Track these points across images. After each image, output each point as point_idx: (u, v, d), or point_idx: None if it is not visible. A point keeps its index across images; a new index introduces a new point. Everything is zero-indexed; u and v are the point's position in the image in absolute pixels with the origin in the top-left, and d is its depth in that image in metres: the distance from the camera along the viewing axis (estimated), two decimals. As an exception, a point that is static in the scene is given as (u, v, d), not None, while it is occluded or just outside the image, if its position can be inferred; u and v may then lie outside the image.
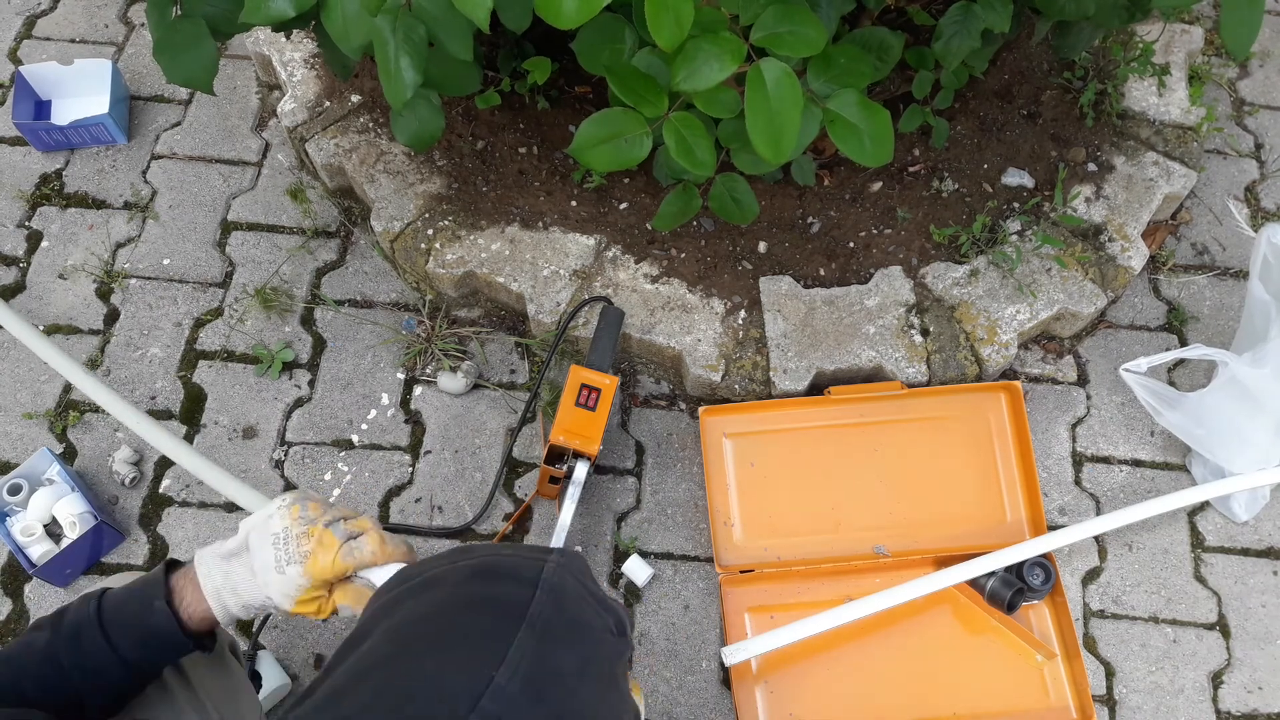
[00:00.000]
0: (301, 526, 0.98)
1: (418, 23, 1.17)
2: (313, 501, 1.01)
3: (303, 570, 0.96)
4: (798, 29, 1.16)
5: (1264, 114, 2.00)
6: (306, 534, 0.97)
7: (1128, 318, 1.79)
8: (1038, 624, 1.54)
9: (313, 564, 0.96)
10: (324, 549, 0.96)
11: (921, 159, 1.82)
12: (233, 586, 0.96)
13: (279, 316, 1.78)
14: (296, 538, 0.97)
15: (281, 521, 0.98)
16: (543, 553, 0.90)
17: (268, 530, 0.98)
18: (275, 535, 0.97)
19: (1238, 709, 1.51)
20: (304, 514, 0.99)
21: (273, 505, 1.00)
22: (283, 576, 0.95)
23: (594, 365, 1.55)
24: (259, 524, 0.99)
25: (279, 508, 0.99)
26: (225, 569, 0.97)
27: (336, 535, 0.98)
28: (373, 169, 1.76)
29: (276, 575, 0.95)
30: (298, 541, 0.97)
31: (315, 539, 0.97)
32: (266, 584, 0.96)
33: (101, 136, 1.92)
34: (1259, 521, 1.63)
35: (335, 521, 0.99)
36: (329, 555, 0.96)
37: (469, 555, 0.93)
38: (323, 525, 0.98)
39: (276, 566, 0.96)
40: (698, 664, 1.52)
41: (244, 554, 0.98)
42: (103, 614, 0.93)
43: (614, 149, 1.25)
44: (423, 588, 0.88)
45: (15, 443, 1.67)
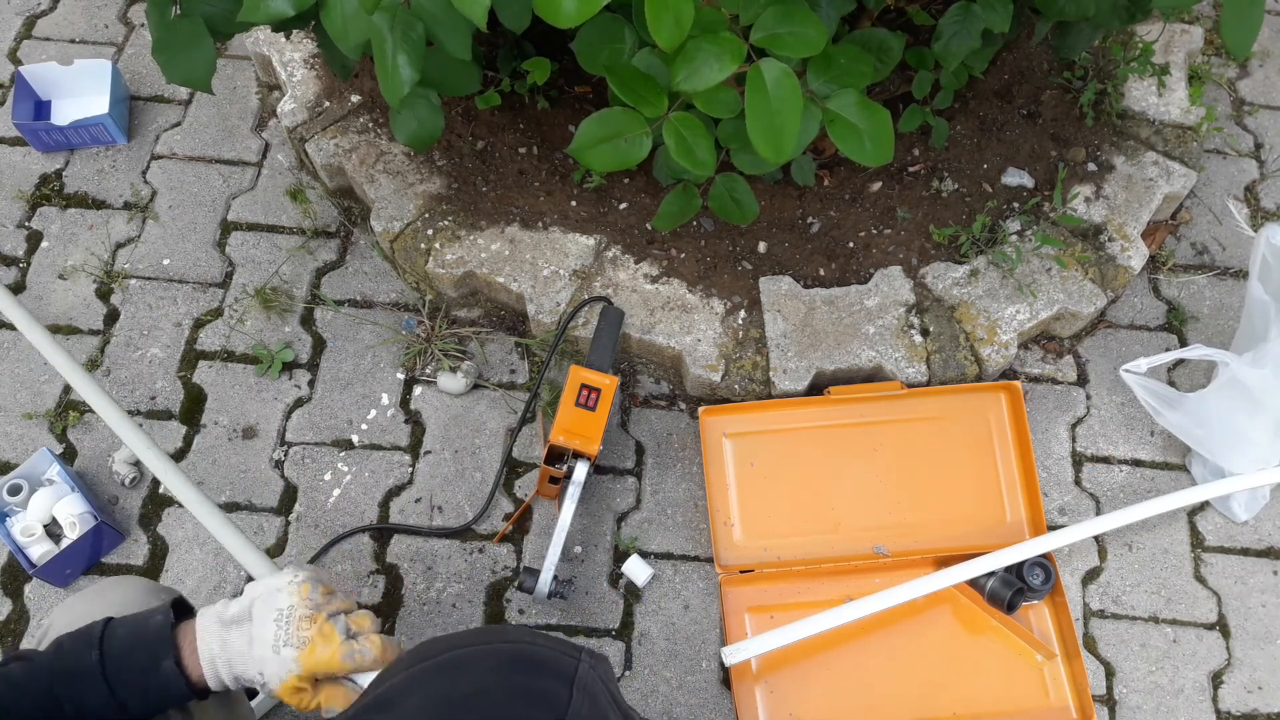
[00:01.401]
0: (307, 610, 0.96)
1: (416, 20, 1.17)
2: (323, 585, 0.99)
3: (297, 657, 0.94)
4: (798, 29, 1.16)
5: (1264, 114, 2.00)
6: (310, 619, 0.95)
7: (1127, 318, 1.79)
8: (1038, 624, 1.54)
9: (308, 654, 0.94)
10: (324, 641, 0.95)
11: (921, 159, 1.82)
12: (228, 657, 0.94)
13: (279, 316, 1.78)
14: (299, 620, 0.95)
15: (289, 599, 0.96)
16: (573, 650, 0.91)
17: (273, 604, 0.96)
18: (280, 611, 0.95)
19: (1238, 709, 1.51)
20: (312, 596, 0.97)
21: (283, 578, 0.99)
22: (277, 658, 0.94)
23: (594, 365, 1.55)
24: (266, 595, 0.97)
25: (289, 583, 0.98)
26: (224, 637, 0.94)
27: (338, 630, 0.96)
28: (372, 169, 1.76)
29: (272, 654, 0.94)
30: (299, 625, 0.95)
31: (317, 628, 0.95)
32: (262, 659, 0.94)
33: (101, 137, 1.92)
34: (1259, 521, 1.63)
35: (338, 615, 0.98)
36: (328, 650, 0.95)
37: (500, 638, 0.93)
38: (326, 615, 0.96)
39: (274, 646, 0.94)
40: (698, 664, 1.52)
41: (246, 623, 0.95)
42: (106, 666, 0.90)
43: (614, 149, 1.25)
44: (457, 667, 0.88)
45: (15, 443, 1.67)
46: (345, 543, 1.59)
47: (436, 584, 1.57)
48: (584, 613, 1.55)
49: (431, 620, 1.54)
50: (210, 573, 1.56)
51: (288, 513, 1.62)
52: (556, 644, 0.94)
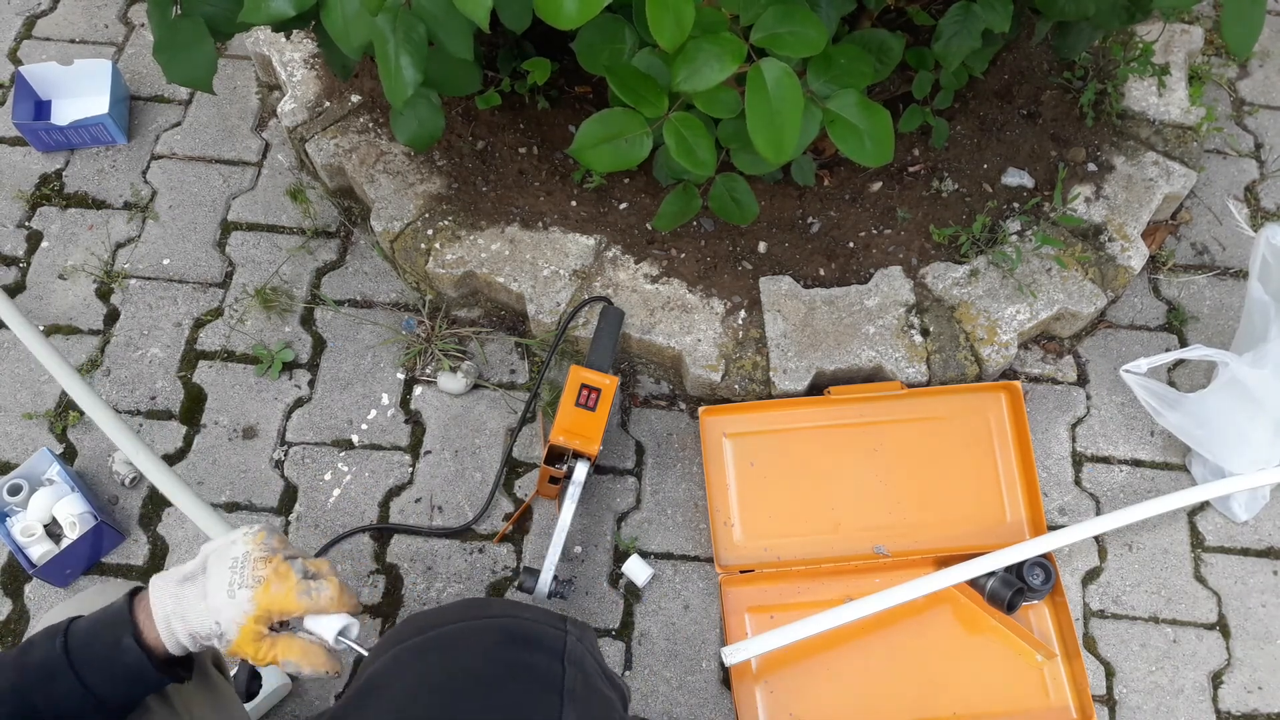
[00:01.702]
0: (261, 552, 0.94)
1: (418, 22, 1.17)
2: (278, 535, 0.98)
3: (252, 595, 0.91)
4: (798, 29, 1.16)
5: (1264, 114, 2.00)
6: (265, 559, 0.94)
7: (1128, 318, 1.79)
8: (1038, 624, 1.54)
9: (264, 591, 0.92)
10: (278, 578, 0.93)
11: (921, 159, 1.82)
12: (182, 612, 0.91)
13: (279, 316, 1.78)
14: (254, 561, 0.93)
15: (244, 546, 0.94)
16: (558, 621, 0.91)
17: (228, 554, 0.94)
18: (235, 559, 0.93)
19: (1238, 709, 1.51)
20: (267, 541, 0.96)
21: (237, 532, 0.97)
22: (232, 601, 0.91)
23: (594, 365, 1.55)
24: (221, 547, 0.96)
25: (244, 533, 0.96)
26: (178, 593, 0.92)
27: (294, 570, 0.94)
28: (373, 169, 1.76)
29: (227, 599, 0.91)
30: (254, 566, 0.93)
31: (272, 567, 0.93)
32: (217, 609, 0.91)
33: (101, 137, 1.92)
34: (1259, 521, 1.63)
35: (295, 558, 0.96)
36: (283, 586, 0.92)
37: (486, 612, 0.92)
38: (281, 556, 0.95)
39: (229, 590, 0.91)
40: (698, 664, 1.52)
41: (199, 577, 0.93)
42: (71, 653, 0.88)
43: (614, 149, 1.25)
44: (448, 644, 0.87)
45: (15, 443, 1.67)
46: (345, 543, 1.59)
47: (437, 584, 1.57)
48: (584, 613, 1.55)
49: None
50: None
51: (288, 513, 1.62)
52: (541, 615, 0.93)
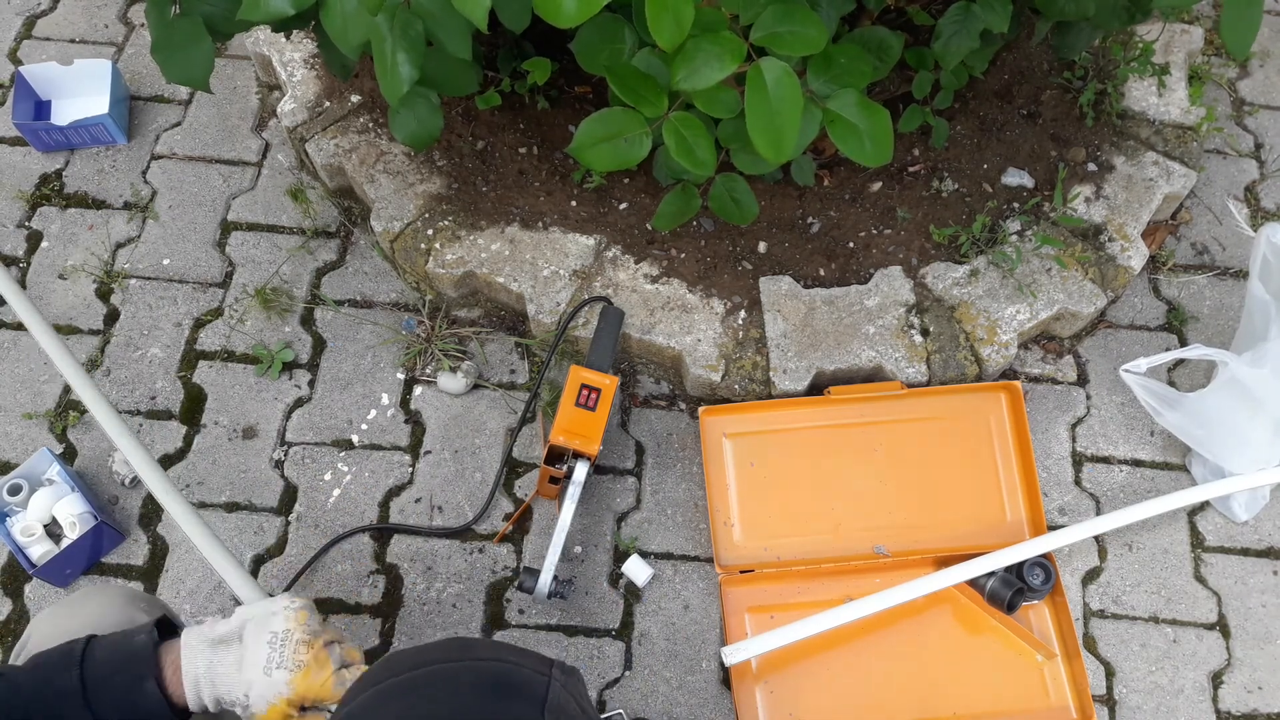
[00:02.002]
0: (305, 635, 0.96)
1: (415, 19, 1.17)
2: (318, 616, 0.99)
3: (290, 679, 0.93)
4: (798, 29, 1.16)
5: (1264, 114, 2.00)
6: (308, 644, 0.95)
7: (1128, 318, 1.79)
8: (1038, 624, 1.54)
9: (304, 677, 0.94)
10: (318, 667, 0.95)
11: (921, 159, 1.82)
12: (212, 678, 0.93)
13: (279, 316, 1.78)
14: (296, 644, 0.95)
15: (284, 623, 0.96)
16: (544, 666, 0.91)
17: (267, 627, 0.96)
18: (274, 634, 0.95)
19: (1238, 709, 1.51)
20: (310, 623, 0.97)
21: (279, 602, 0.98)
22: (268, 679, 0.93)
23: (594, 365, 1.55)
24: (259, 618, 0.97)
25: (285, 608, 0.97)
26: (210, 658, 0.93)
27: (333, 659, 0.96)
28: (372, 169, 1.76)
29: (262, 675, 0.93)
30: (295, 649, 0.95)
31: (313, 654, 0.95)
32: (249, 682, 0.93)
33: (101, 137, 1.92)
34: (1259, 521, 1.63)
35: (334, 643, 0.98)
36: (322, 675, 0.95)
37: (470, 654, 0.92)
38: (322, 643, 0.96)
39: (265, 668, 0.93)
40: (698, 664, 1.52)
41: (235, 644, 0.95)
42: (87, 688, 0.89)
43: (614, 149, 1.25)
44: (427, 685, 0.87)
45: (15, 443, 1.67)
46: (345, 543, 1.59)
47: (436, 584, 1.57)
48: (584, 613, 1.55)
49: (431, 620, 1.54)
50: (210, 573, 1.56)
51: (288, 513, 1.62)
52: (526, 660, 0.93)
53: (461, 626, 1.53)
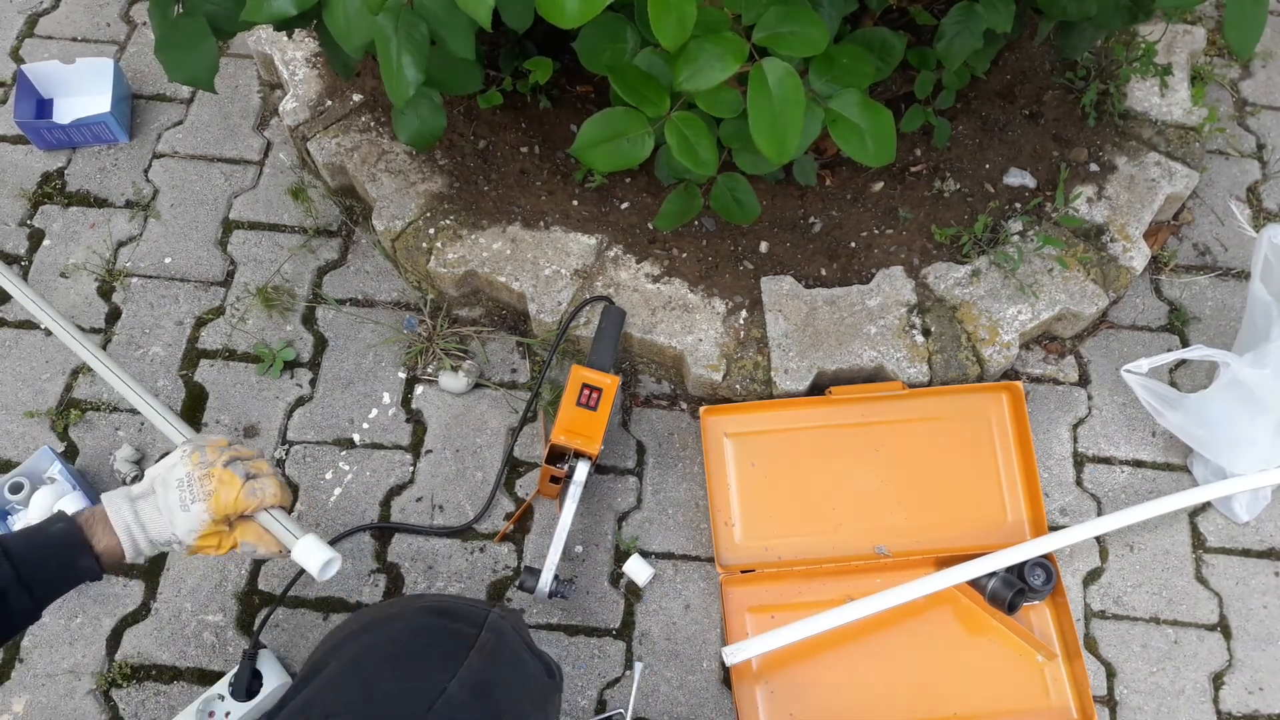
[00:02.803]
0: (202, 469, 1.09)
1: (420, 21, 1.17)
2: (210, 444, 1.12)
3: (206, 506, 1.07)
4: (800, 29, 1.16)
5: (1266, 114, 2.00)
6: (208, 475, 1.08)
7: (1129, 318, 1.79)
8: (1039, 624, 1.54)
9: (215, 501, 1.07)
10: (226, 486, 1.08)
11: (923, 159, 1.82)
12: (141, 523, 1.06)
13: (280, 315, 1.78)
14: (199, 479, 1.08)
15: (184, 468, 1.09)
16: (485, 604, 1.06)
17: (171, 476, 1.08)
18: (179, 480, 1.08)
19: (1239, 710, 1.51)
20: (203, 459, 1.10)
21: (176, 454, 1.11)
22: (187, 514, 1.07)
23: (595, 365, 1.55)
24: (163, 471, 1.10)
25: (180, 456, 1.10)
26: (134, 508, 1.07)
27: (237, 474, 1.09)
28: (374, 168, 1.76)
29: (181, 513, 1.06)
30: (200, 483, 1.08)
31: (216, 479, 1.08)
32: (173, 521, 1.07)
33: (103, 135, 1.92)
34: (1260, 522, 1.63)
35: (234, 461, 1.10)
36: (231, 492, 1.08)
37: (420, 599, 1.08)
38: (221, 465, 1.09)
39: (181, 505, 1.07)
40: (698, 664, 1.52)
41: (150, 496, 1.08)
42: (21, 575, 1.01)
43: (616, 149, 1.25)
44: (381, 623, 1.01)
45: (17, 441, 1.67)
46: (346, 541, 1.59)
47: (438, 583, 1.57)
48: (585, 612, 1.55)
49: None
50: (211, 570, 1.56)
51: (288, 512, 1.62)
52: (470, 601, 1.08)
53: (462, 626, 1.53)
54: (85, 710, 1.47)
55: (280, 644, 1.52)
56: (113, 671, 1.49)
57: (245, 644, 1.49)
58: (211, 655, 1.51)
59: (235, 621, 1.53)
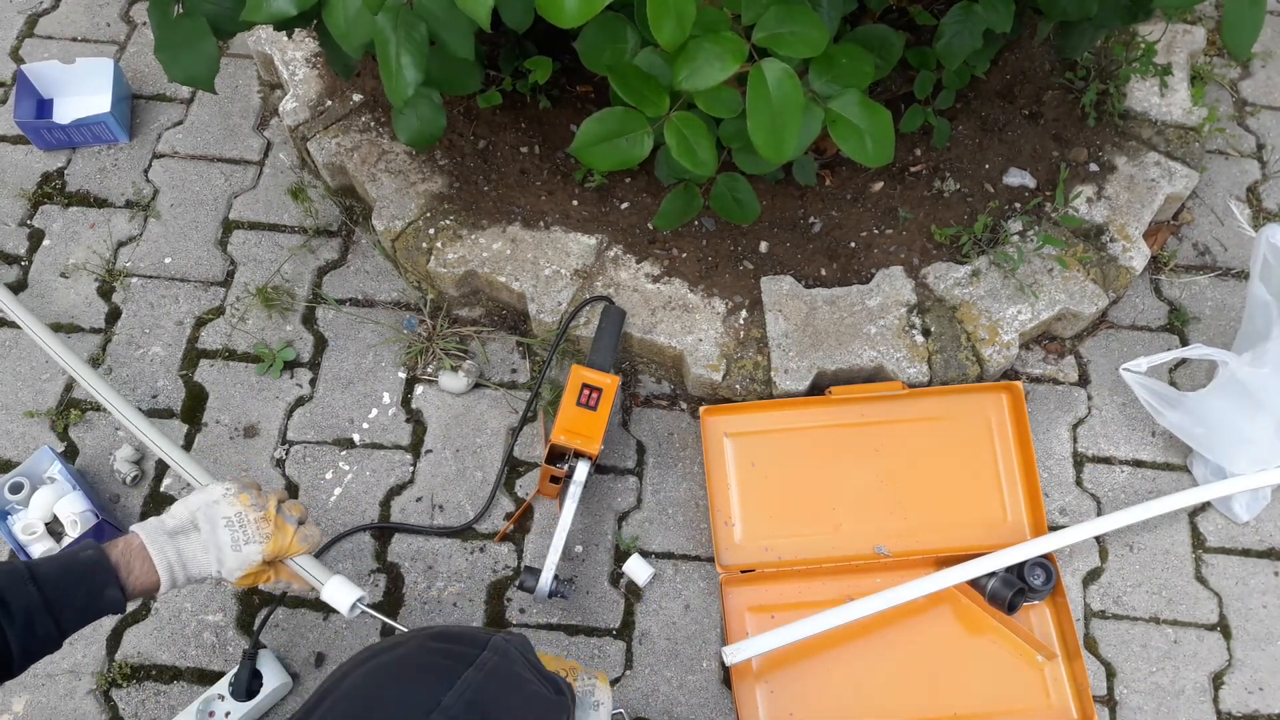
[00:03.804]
0: (257, 512, 1.14)
1: (419, 21, 1.17)
2: (254, 487, 1.17)
3: (261, 549, 1.12)
4: (799, 29, 1.16)
5: (1266, 114, 2.00)
6: (264, 518, 1.14)
7: (1129, 318, 1.79)
8: (1038, 624, 1.54)
9: (273, 545, 1.13)
10: (281, 533, 1.15)
11: (923, 159, 1.82)
12: (184, 562, 1.09)
13: (280, 315, 1.78)
14: (254, 522, 1.13)
15: (233, 507, 1.13)
16: (490, 631, 1.08)
17: (218, 514, 1.12)
18: (228, 519, 1.12)
19: (1239, 710, 1.51)
20: (255, 501, 1.14)
21: (216, 491, 1.14)
22: (238, 554, 1.11)
23: (595, 365, 1.55)
24: (204, 507, 1.13)
25: (225, 495, 1.14)
26: (176, 546, 1.09)
27: (289, 522, 1.16)
28: (374, 168, 1.76)
29: (232, 553, 1.11)
30: (256, 525, 1.13)
31: (272, 523, 1.14)
32: (221, 561, 1.11)
33: (103, 135, 1.92)
34: (1260, 522, 1.63)
35: (280, 506, 1.17)
36: (286, 537, 1.15)
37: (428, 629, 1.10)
38: (274, 510, 1.15)
39: (233, 545, 1.11)
40: (698, 663, 1.52)
41: (192, 532, 1.11)
42: (49, 601, 1.01)
43: (615, 148, 1.25)
44: (386, 650, 1.04)
45: (17, 441, 1.67)
46: (346, 541, 1.59)
47: (437, 583, 1.57)
48: (585, 612, 1.55)
49: (432, 619, 1.54)
50: (211, 571, 1.56)
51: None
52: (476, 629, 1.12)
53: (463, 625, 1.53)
54: (85, 710, 1.47)
55: (280, 644, 1.52)
56: (113, 671, 1.49)
57: (245, 644, 1.49)
58: (211, 655, 1.51)
59: (235, 621, 1.53)
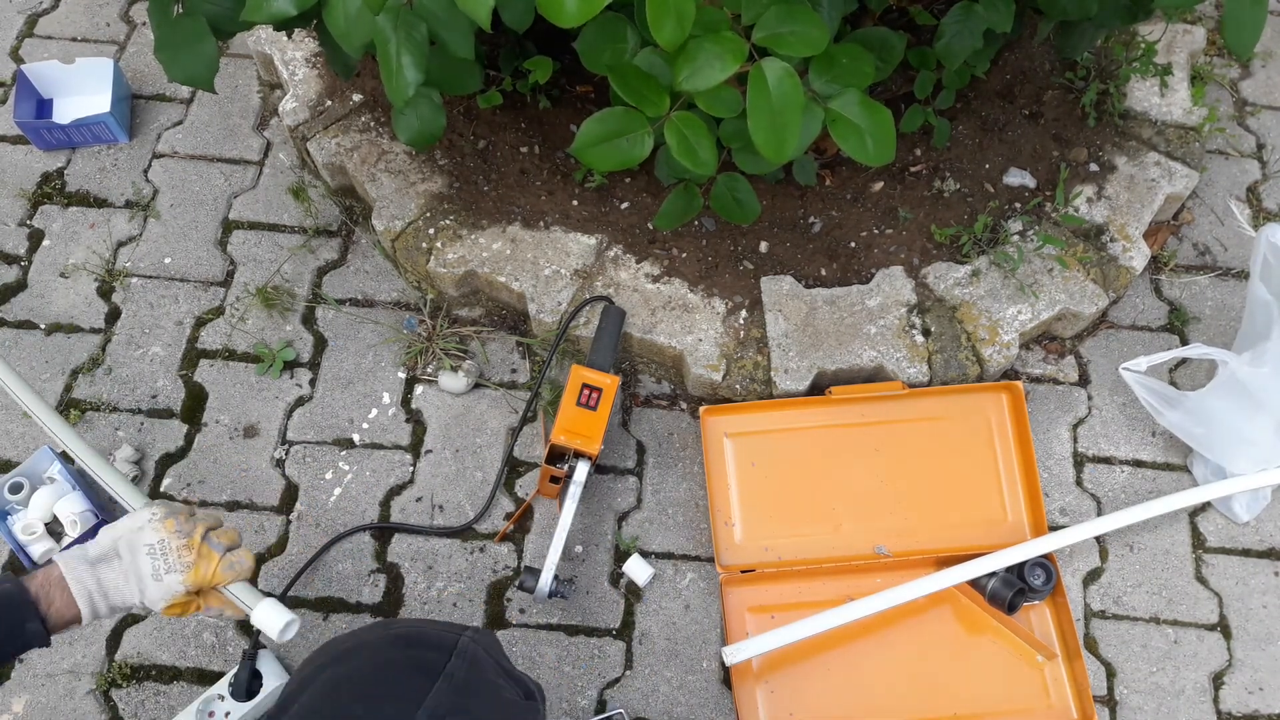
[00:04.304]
0: (180, 540, 1.06)
1: (419, 21, 1.17)
2: (183, 513, 1.09)
3: (183, 579, 1.05)
4: (800, 29, 1.16)
5: (1266, 114, 2.00)
6: (187, 546, 1.06)
7: (1129, 318, 1.79)
8: (1039, 624, 1.54)
9: (195, 574, 1.06)
10: (205, 561, 1.07)
11: (923, 159, 1.82)
12: (104, 590, 1.03)
13: (280, 315, 1.78)
14: (177, 550, 1.06)
15: (156, 534, 1.06)
16: (457, 628, 1.03)
17: (140, 541, 1.05)
18: (150, 546, 1.05)
19: (1239, 710, 1.51)
20: (180, 527, 1.07)
21: (141, 517, 1.08)
22: (160, 584, 1.04)
23: (595, 365, 1.55)
24: (127, 534, 1.06)
25: (150, 520, 1.07)
26: (97, 575, 1.03)
27: (215, 550, 1.08)
28: (374, 168, 1.76)
29: (153, 582, 1.04)
30: (178, 554, 1.06)
31: (195, 551, 1.07)
32: (142, 590, 1.04)
33: (103, 135, 1.92)
34: (1260, 522, 1.63)
35: (208, 533, 1.09)
36: (209, 567, 1.07)
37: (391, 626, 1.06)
38: (199, 538, 1.08)
39: (154, 574, 1.04)
40: (698, 664, 1.52)
41: (114, 560, 1.05)
42: None
43: (615, 148, 1.25)
44: (349, 655, 1.00)
45: (17, 441, 1.67)
46: (346, 542, 1.59)
47: (437, 583, 1.57)
48: (585, 612, 1.55)
49: (432, 619, 1.54)
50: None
51: (289, 511, 1.62)
52: (442, 625, 1.04)
53: (462, 626, 1.53)
54: (85, 710, 1.47)
55: (280, 644, 1.52)
56: (112, 671, 1.49)
57: (245, 644, 1.49)
58: (211, 655, 1.51)
59: (235, 621, 1.53)
